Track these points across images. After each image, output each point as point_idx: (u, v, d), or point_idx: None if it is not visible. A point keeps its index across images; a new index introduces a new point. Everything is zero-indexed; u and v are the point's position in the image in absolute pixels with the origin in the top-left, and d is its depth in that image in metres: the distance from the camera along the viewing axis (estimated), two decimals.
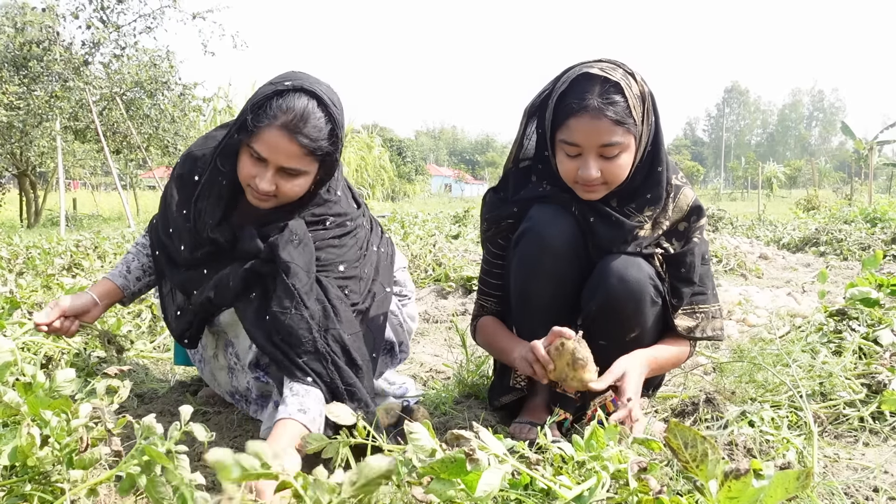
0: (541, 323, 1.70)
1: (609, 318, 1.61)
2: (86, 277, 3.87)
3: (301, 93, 1.50)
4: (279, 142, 1.48)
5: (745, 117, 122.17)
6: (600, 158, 1.52)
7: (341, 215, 1.73)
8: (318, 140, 1.51)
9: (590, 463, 1.16)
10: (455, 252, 5.72)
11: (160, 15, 12.22)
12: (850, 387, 1.87)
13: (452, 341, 3.03)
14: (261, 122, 1.49)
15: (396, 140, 45.81)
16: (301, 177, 1.56)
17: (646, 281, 1.60)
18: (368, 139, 25.65)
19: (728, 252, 5.83)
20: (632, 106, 1.49)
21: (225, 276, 1.63)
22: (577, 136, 1.51)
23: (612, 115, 1.47)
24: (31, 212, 14.20)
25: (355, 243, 1.75)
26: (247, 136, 1.51)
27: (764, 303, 3.73)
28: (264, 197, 1.56)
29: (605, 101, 1.47)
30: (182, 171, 1.73)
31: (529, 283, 1.68)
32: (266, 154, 1.50)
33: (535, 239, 1.63)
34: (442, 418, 1.88)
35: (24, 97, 11.13)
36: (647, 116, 1.55)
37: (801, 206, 16.20)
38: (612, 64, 1.54)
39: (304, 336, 1.53)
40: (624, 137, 1.50)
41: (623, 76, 1.51)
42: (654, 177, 1.62)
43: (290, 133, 1.48)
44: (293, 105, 1.48)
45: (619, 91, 1.48)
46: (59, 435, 1.11)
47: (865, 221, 9.53)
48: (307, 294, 1.57)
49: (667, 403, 1.96)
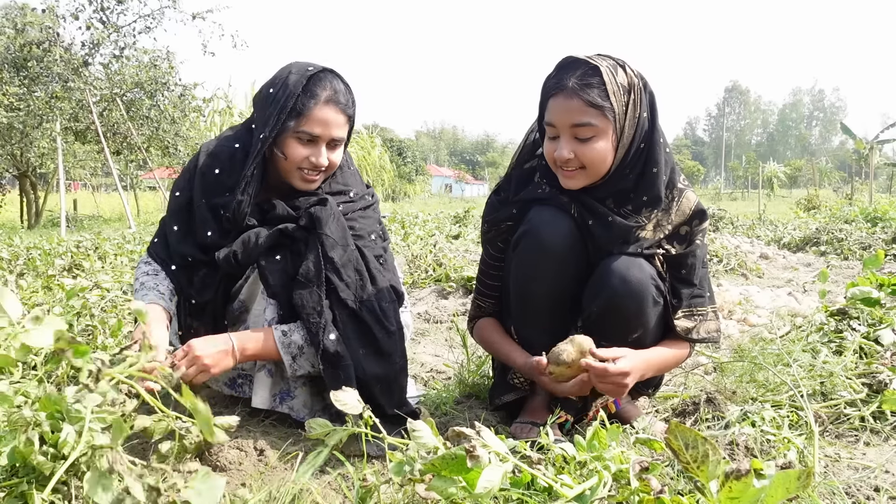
0: (540, 324, 1.70)
1: (611, 319, 1.61)
2: (86, 278, 3.87)
3: (325, 72, 1.70)
4: (328, 115, 1.66)
5: (746, 117, 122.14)
6: (574, 140, 1.54)
7: (358, 189, 1.88)
8: (350, 106, 1.72)
9: (591, 463, 1.16)
10: (455, 252, 5.72)
11: (160, 15, 12.24)
12: (851, 386, 1.87)
13: (453, 341, 3.03)
14: (307, 104, 1.65)
15: (397, 140, 45.81)
16: (342, 145, 1.75)
17: (648, 281, 1.60)
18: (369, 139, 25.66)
19: (729, 252, 5.83)
20: (610, 91, 1.50)
21: (253, 234, 1.70)
22: (552, 116, 1.55)
23: (585, 96, 1.49)
24: (31, 213, 14.21)
25: (379, 222, 1.90)
26: (296, 119, 1.65)
27: (764, 302, 3.74)
28: (316, 175, 1.72)
29: (581, 83, 1.50)
30: (203, 168, 1.78)
31: (529, 286, 1.68)
32: (320, 130, 1.66)
33: (534, 241, 1.63)
34: (443, 418, 1.89)
35: (25, 98, 11.14)
36: (633, 108, 1.55)
37: (801, 206, 16.19)
38: (605, 56, 1.56)
39: (312, 316, 1.63)
40: (598, 120, 1.51)
41: (610, 65, 1.53)
42: (649, 178, 1.61)
43: (336, 105, 1.68)
44: (328, 83, 1.68)
45: (598, 74, 1.50)
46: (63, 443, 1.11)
47: (866, 221, 9.52)
48: (343, 267, 1.69)
49: (667, 403, 1.96)
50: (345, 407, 1.21)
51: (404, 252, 5.90)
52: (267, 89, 1.70)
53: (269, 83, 1.71)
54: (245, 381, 1.84)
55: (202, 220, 1.75)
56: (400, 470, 1.07)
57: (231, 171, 1.75)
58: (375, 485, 1.18)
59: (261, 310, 1.74)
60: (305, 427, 1.26)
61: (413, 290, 4.30)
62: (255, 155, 1.69)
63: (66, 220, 10.51)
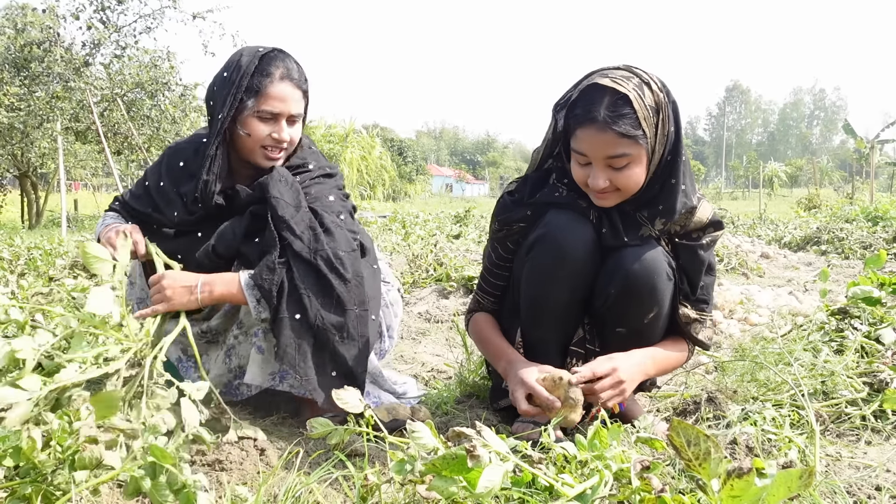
0: (552, 330, 1.69)
1: (628, 300, 1.61)
2: (87, 279, 3.88)
3: (275, 51, 1.78)
4: (285, 91, 1.73)
5: (747, 116, 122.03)
6: (609, 168, 1.51)
7: (319, 163, 1.93)
8: (304, 82, 1.79)
9: (592, 462, 1.16)
10: (456, 252, 5.72)
11: (160, 15, 12.22)
12: (852, 385, 1.87)
13: (454, 341, 3.03)
14: (263, 82, 1.71)
15: (397, 140, 45.79)
16: (299, 121, 1.81)
17: (660, 258, 1.60)
18: (369, 139, 25.65)
19: (729, 251, 5.83)
20: (641, 118, 1.46)
21: (227, 227, 1.77)
22: (584, 147, 1.51)
23: (618, 129, 1.45)
24: (32, 213, 14.22)
25: (339, 189, 1.94)
26: (255, 98, 1.71)
27: (765, 302, 3.73)
28: (279, 152, 1.78)
29: (612, 114, 1.45)
30: (168, 161, 1.90)
31: (545, 291, 1.65)
32: (279, 107, 1.73)
33: (552, 247, 1.61)
34: (444, 418, 1.89)
35: (25, 98, 11.14)
36: (662, 126, 1.51)
37: (802, 205, 16.19)
38: (629, 72, 1.51)
39: (265, 272, 1.67)
40: (632, 149, 1.48)
41: (636, 87, 1.48)
42: (668, 188, 1.59)
43: (290, 81, 1.75)
44: (280, 61, 1.75)
45: (628, 103, 1.46)
46: (62, 438, 1.11)
47: (867, 220, 9.52)
48: (297, 224, 1.72)
49: (668, 402, 1.97)
50: (346, 406, 1.21)
51: (405, 252, 5.90)
52: (221, 74, 1.77)
53: (223, 68, 1.78)
54: (242, 383, 1.84)
55: (168, 201, 1.84)
56: (401, 469, 1.07)
57: (195, 160, 1.83)
58: (376, 484, 1.18)
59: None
60: (307, 426, 1.27)
61: (414, 289, 4.30)
62: (216, 135, 1.75)
63: (66, 220, 10.52)
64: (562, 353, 1.71)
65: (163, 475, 1.06)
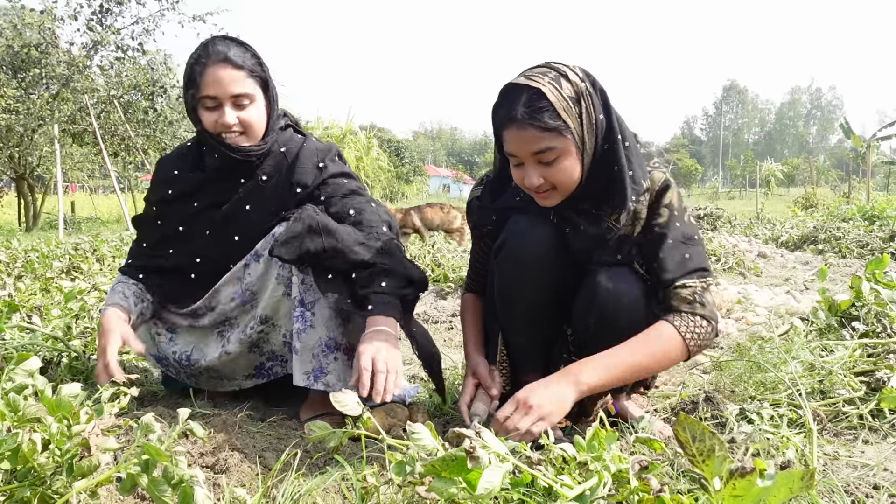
0: (525, 326, 1.73)
1: (607, 335, 1.58)
2: (84, 280, 3.87)
3: (216, 39, 1.79)
4: (219, 74, 1.73)
5: (743, 116, 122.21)
6: (539, 165, 1.51)
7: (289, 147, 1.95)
8: (246, 61, 1.77)
9: (591, 463, 1.16)
10: (453, 252, 5.72)
11: (158, 17, 12.21)
12: (850, 384, 1.87)
13: (452, 342, 3.03)
14: (197, 71, 1.74)
15: (394, 141, 45.72)
16: (252, 103, 1.79)
17: (636, 291, 1.58)
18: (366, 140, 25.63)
19: (726, 251, 5.84)
20: (560, 109, 1.46)
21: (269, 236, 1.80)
22: (511, 147, 1.52)
23: (537, 123, 1.45)
24: (29, 215, 14.19)
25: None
26: (195, 88, 1.75)
27: (763, 301, 3.74)
28: (236, 136, 1.79)
29: (529, 109, 1.46)
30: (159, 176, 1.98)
31: (511, 292, 1.70)
32: (215, 91, 1.74)
33: (511, 254, 1.65)
34: (443, 419, 1.89)
35: (23, 100, 11.12)
36: (587, 116, 1.50)
37: (799, 205, 16.21)
38: (546, 68, 1.51)
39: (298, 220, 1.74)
40: (557, 142, 1.47)
41: (552, 80, 1.47)
42: (613, 176, 1.55)
43: (223, 62, 1.74)
44: (216, 46, 1.76)
45: (543, 97, 1.45)
46: (60, 441, 1.11)
47: (863, 219, 9.55)
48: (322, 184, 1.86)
49: (666, 402, 1.97)
50: (343, 408, 1.21)
51: None
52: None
53: None
54: (276, 362, 1.91)
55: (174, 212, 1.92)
56: (400, 471, 1.07)
57: (182, 162, 1.93)
58: (375, 486, 1.18)
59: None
60: (305, 429, 1.27)
61: None
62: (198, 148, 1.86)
63: (63, 222, 10.50)
64: (543, 354, 1.76)
65: (156, 469, 1.06)
